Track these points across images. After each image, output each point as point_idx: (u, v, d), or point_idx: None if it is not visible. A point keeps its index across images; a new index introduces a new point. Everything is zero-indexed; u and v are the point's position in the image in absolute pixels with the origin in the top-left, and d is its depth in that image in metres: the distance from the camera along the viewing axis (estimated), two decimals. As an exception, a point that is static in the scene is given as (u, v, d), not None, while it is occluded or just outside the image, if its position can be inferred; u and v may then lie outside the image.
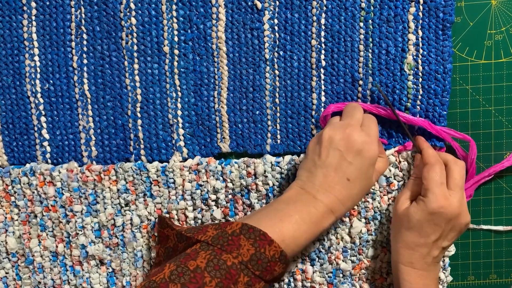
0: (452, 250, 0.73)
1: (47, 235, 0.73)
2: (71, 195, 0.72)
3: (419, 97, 0.69)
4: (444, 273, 0.74)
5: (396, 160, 0.71)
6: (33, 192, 0.72)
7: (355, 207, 0.72)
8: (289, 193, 0.62)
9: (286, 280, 0.74)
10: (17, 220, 0.73)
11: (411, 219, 0.63)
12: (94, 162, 0.73)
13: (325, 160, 0.61)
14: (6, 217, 0.73)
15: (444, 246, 0.65)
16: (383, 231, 0.72)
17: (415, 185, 0.68)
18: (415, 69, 0.69)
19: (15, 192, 0.72)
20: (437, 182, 0.63)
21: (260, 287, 0.55)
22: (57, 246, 0.73)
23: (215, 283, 0.52)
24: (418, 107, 0.70)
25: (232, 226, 0.56)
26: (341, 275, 0.73)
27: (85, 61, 0.71)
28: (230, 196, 0.72)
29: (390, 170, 0.71)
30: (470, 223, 0.67)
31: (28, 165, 0.73)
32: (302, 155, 0.71)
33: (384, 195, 0.71)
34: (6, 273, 0.74)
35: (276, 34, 0.70)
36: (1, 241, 0.73)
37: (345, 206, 0.61)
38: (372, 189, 0.71)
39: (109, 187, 0.72)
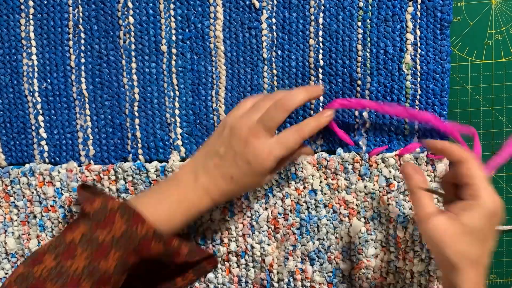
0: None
1: (46, 235, 0.73)
2: (70, 195, 0.72)
3: (418, 97, 0.69)
4: None
5: (396, 162, 0.70)
6: (33, 193, 0.72)
7: (355, 206, 0.71)
8: (178, 173, 0.63)
9: (286, 280, 0.74)
10: (16, 220, 0.73)
11: (473, 230, 0.54)
12: (91, 161, 0.73)
13: (222, 152, 0.61)
14: (5, 218, 0.73)
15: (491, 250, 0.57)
16: (383, 230, 0.72)
17: (428, 197, 0.57)
18: (413, 69, 0.69)
19: (14, 193, 0.72)
20: (484, 177, 0.56)
21: (135, 260, 0.57)
22: (56, 246, 0.73)
23: (85, 255, 0.54)
24: (417, 107, 0.69)
25: (114, 202, 0.57)
26: (340, 274, 0.73)
27: (82, 60, 0.71)
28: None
29: (390, 172, 0.70)
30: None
31: (27, 165, 0.73)
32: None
33: (383, 194, 0.71)
34: (6, 273, 0.74)
35: (274, 33, 0.70)
36: (1, 242, 0.73)
37: (223, 196, 0.62)
38: (372, 189, 0.71)
39: (108, 187, 0.72)
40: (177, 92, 0.71)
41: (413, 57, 0.68)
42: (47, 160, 0.73)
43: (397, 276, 0.73)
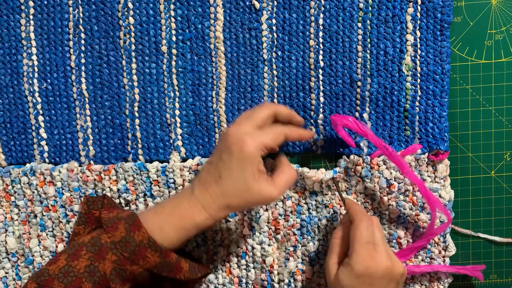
0: (452, 250, 0.73)
1: (47, 235, 0.73)
2: (71, 195, 0.72)
3: (418, 98, 0.69)
4: (445, 273, 0.74)
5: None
6: (33, 192, 0.72)
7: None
8: (185, 186, 0.65)
9: (287, 281, 0.74)
10: (17, 220, 0.73)
11: (344, 285, 0.61)
12: (92, 161, 0.73)
13: (211, 158, 0.62)
14: (6, 217, 0.73)
15: None
16: (383, 230, 0.72)
17: (340, 245, 0.65)
18: (413, 70, 0.69)
19: (15, 192, 0.73)
20: (361, 241, 0.61)
21: (133, 270, 0.58)
22: (57, 246, 0.73)
23: (88, 256, 0.58)
24: (417, 108, 0.69)
25: (125, 212, 0.61)
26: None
27: (83, 61, 0.71)
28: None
29: (391, 173, 0.70)
30: (405, 272, 0.63)
31: (28, 165, 0.73)
32: (306, 168, 0.71)
33: (384, 195, 0.71)
34: (6, 273, 0.74)
35: (274, 34, 0.70)
36: (1, 241, 0.73)
37: (215, 203, 0.59)
38: (372, 190, 0.71)
39: (109, 187, 0.72)
40: (177, 93, 0.71)
41: (413, 58, 0.68)
42: (47, 160, 0.73)
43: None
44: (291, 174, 0.62)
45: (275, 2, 0.69)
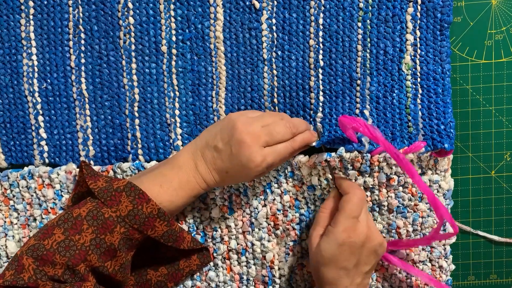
0: (453, 238, 0.73)
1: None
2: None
3: (419, 95, 0.69)
4: (446, 261, 0.73)
5: None
6: (32, 195, 0.72)
7: None
8: (178, 157, 0.66)
9: (287, 276, 0.74)
10: (16, 223, 0.73)
11: (325, 254, 0.63)
12: (91, 161, 0.73)
13: (220, 147, 0.63)
14: (5, 221, 0.73)
15: (366, 270, 0.65)
16: (382, 221, 0.72)
17: (327, 219, 0.67)
18: (413, 69, 0.69)
19: (13, 196, 0.72)
20: (350, 214, 0.63)
21: (140, 238, 0.61)
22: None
23: (91, 230, 0.59)
24: (419, 105, 0.69)
25: (119, 182, 0.62)
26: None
27: (83, 61, 0.71)
28: (228, 194, 0.72)
29: (391, 169, 0.70)
30: (383, 243, 0.66)
31: (26, 168, 0.72)
32: (301, 155, 0.71)
33: (383, 188, 0.71)
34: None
35: (274, 34, 0.70)
36: (1, 245, 0.73)
37: (218, 183, 0.65)
38: (371, 184, 0.71)
39: (108, 187, 0.72)
40: (177, 93, 0.71)
41: (413, 57, 0.68)
42: (47, 160, 0.73)
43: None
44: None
45: (275, 2, 0.69)
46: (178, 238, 0.64)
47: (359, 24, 0.69)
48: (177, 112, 0.72)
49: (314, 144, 0.69)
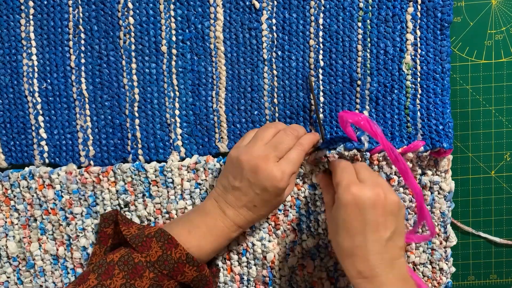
0: (453, 241, 0.73)
1: (47, 238, 0.73)
2: (70, 197, 0.72)
3: (418, 96, 0.69)
4: (446, 263, 0.73)
5: None
6: (33, 196, 0.72)
7: None
8: (205, 204, 0.67)
9: (288, 276, 0.74)
10: (17, 224, 0.73)
11: (337, 222, 0.59)
12: (91, 161, 0.73)
13: (237, 185, 0.63)
14: (6, 222, 0.73)
15: (387, 236, 0.58)
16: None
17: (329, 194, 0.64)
18: (413, 69, 0.69)
19: (14, 196, 0.72)
20: (346, 176, 0.60)
21: (170, 284, 0.62)
22: (57, 249, 0.73)
23: (122, 275, 0.60)
24: (418, 105, 0.69)
25: (150, 229, 0.63)
26: (342, 268, 0.73)
27: (83, 61, 0.71)
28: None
29: (391, 168, 0.70)
30: (399, 202, 0.59)
31: (26, 169, 0.73)
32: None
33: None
34: (8, 277, 0.74)
35: (274, 34, 0.70)
36: (2, 246, 0.73)
37: (251, 223, 0.66)
38: None
39: (108, 188, 0.72)
40: (177, 93, 0.71)
41: (413, 57, 0.68)
42: (47, 160, 0.73)
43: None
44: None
45: (275, 2, 0.69)
46: (208, 282, 0.65)
47: (359, 24, 0.69)
48: (177, 112, 0.72)
49: (319, 145, 0.69)
